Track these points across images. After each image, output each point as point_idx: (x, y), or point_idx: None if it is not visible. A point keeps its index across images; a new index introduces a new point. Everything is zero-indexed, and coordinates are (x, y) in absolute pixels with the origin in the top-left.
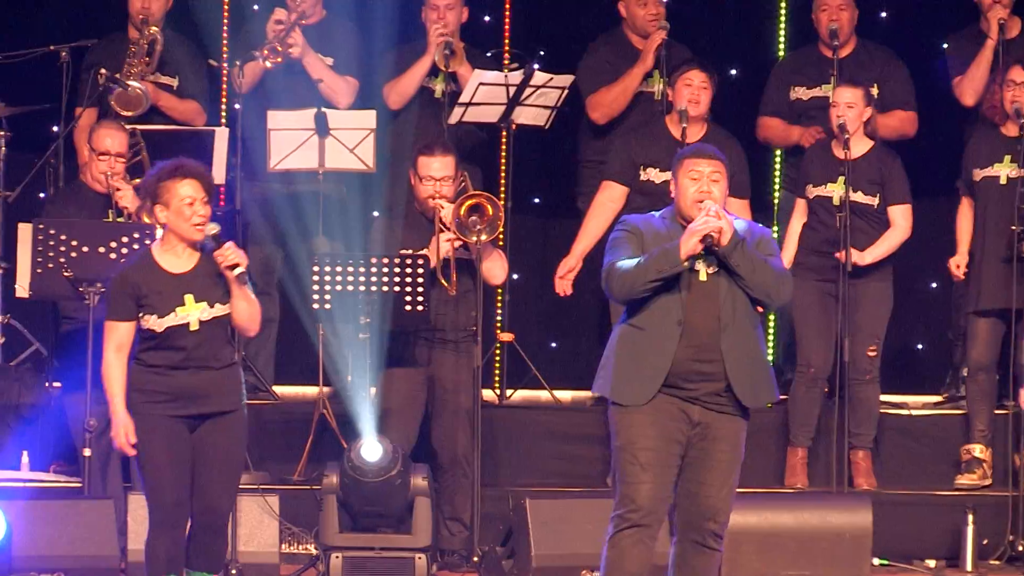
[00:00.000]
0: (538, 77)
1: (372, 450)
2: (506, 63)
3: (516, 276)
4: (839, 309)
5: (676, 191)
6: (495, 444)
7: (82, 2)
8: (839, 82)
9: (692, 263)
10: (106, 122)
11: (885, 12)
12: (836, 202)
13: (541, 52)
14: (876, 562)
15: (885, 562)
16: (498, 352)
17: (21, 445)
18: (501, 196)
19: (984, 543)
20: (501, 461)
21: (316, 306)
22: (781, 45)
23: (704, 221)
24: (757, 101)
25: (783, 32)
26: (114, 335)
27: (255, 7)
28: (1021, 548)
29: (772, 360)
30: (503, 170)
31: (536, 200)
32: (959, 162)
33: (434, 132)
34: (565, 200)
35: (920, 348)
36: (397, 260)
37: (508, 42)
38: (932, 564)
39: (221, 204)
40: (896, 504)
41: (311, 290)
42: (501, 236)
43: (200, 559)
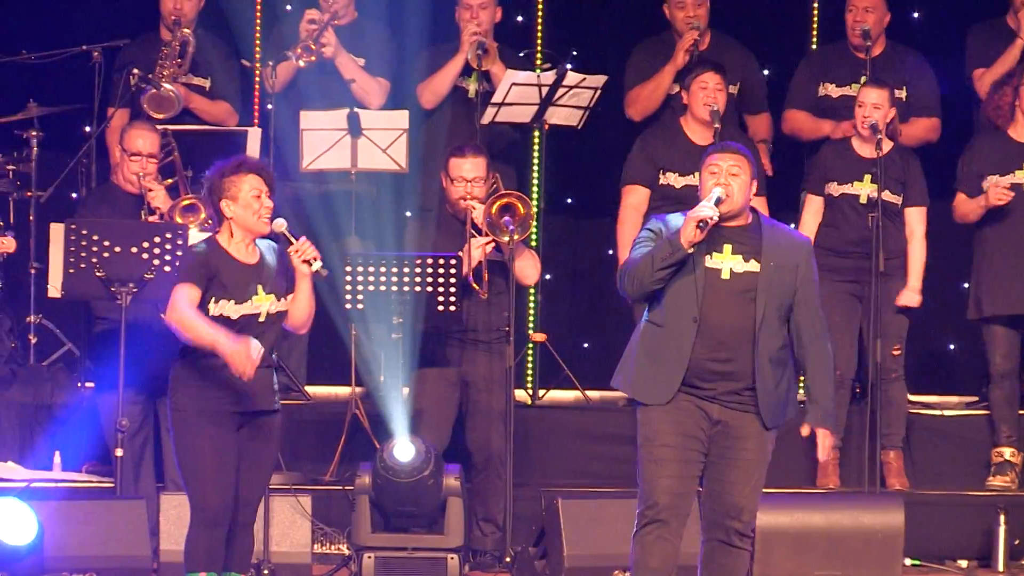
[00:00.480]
0: (571, 77)
1: (405, 450)
2: (539, 63)
3: (548, 276)
4: (868, 310)
5: (700, 187)
6: (527, 444)
7: (114, 2)
8: (868, 83)
9: (697, 257)
10: (138, 123)
11: (917, 13)
12: (863, 200)
13: (574, 52)
14: (908, 562)
15: (917, 562)
16: (530, 352)
17: (53, 445)
18: (533, 196)
19: (1016, 543)
20: (533, 461)
21: (348, 306)
22: (814, 45)
23: (700, 207)
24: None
25: (815, 32)
26: (187, 294)
27: (288, 7)
28: None
29: None
30: (535, 170)
31: (569, 200)
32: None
33: (467, 132)
34: (598, 200)
35: (952, 348)
36: (430, 260)
37: (541, 42)
38: (964, 564)
39: None
40: (928, 504)
41: (343, 290)
42: (534, 236)
43: (231, 559)
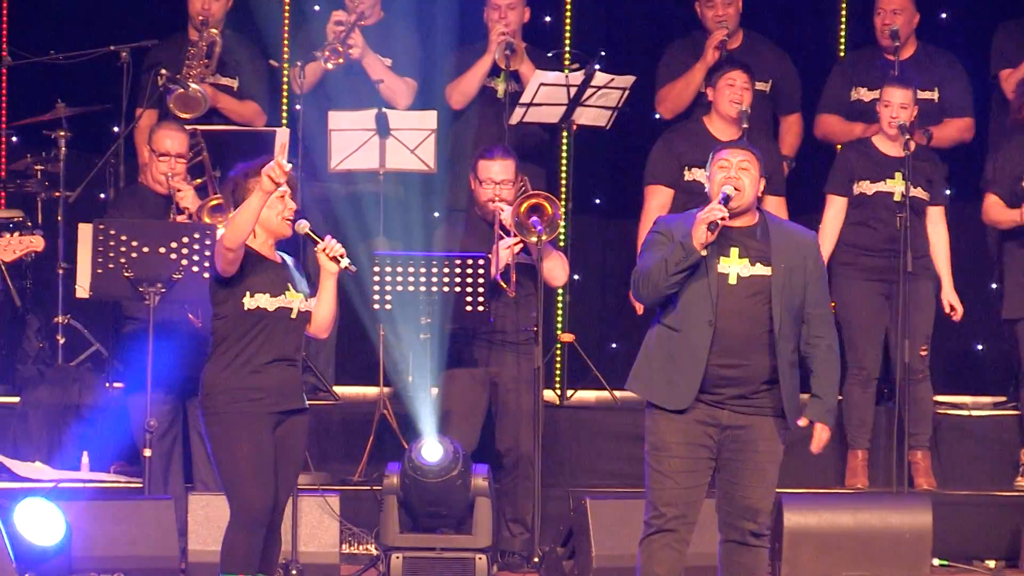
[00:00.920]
0: (599, 78)
1: (433, 450)
2: (567, 64)
3: (577, 277)
4: (895, 310)
5: (709, 185)
6: (556, 445)
7: (142, 3)
8: (892, 82)
9: (710, 260)
10: (166, 123)
11: (945, 13)
12: (898, 198)
13: (602, 53)
14: (936, 562)
15: (945, 563)
16: (559, 353)
17: (81, 446)
18: (562, 197)
19: None
20: (562, 462)
21: (377, 306)
22: (842, 46)
23: (709, 209)
24: (817, 98)
25: (844, 33)
26: None
27: (316, 7)
28: None
29: None
30: (563, 171)
31: (597, 201)
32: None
33: (495, 132)
34: (626, 201)
35: (980, 348)
36: (457, 261)
37: (569, 43)
38: (992, 565)
39: None
40: (956, 504)
41: (372, 290)
42: (562, 236)
43: (263, 562)
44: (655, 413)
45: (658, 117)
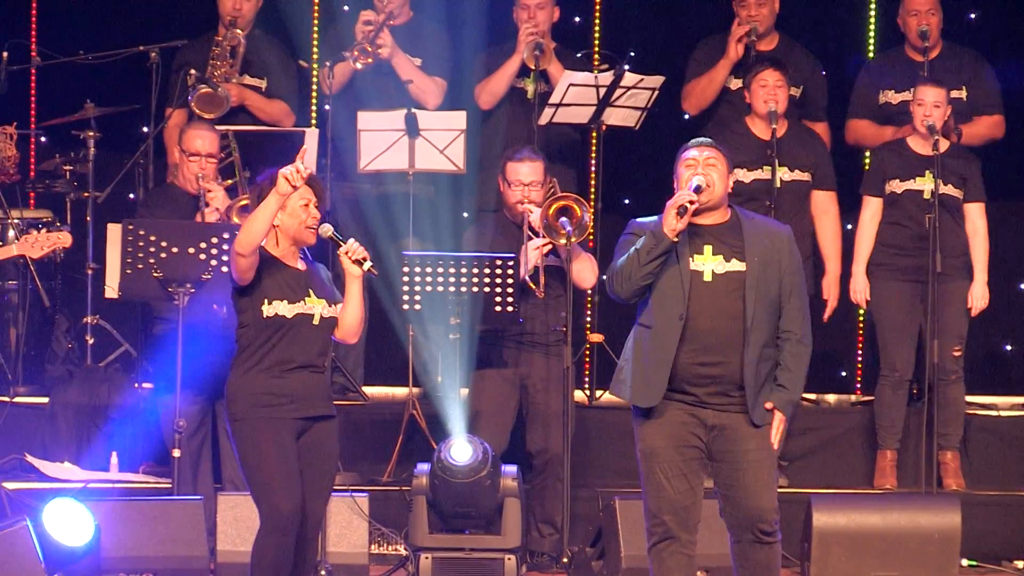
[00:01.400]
0: (628, 78)
1: (462, 450)
2: (596, 64)
3: (606, 277)
4: (926, 310)
5: (676, 184)
6: (585, 445)
7: (172, 3)
8: (924, 81)
9: (682, 257)
10: (197, 123)
11: (973, 14)
12: (927, 196)
13: (631, 53)
14: (965, 563)
15: (974, 563)
16: (588, 353)
17: (110, 446)
18: (591, 197)
19: None
20: (591, 462)
21: (406, 307)
22: (871, 47)
23: (679, 194)
24: (847, 102)
25: (872, 34)
26: None
27: (345, 7)
28: None
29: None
30: (593, 171)
31: (626, 201)
32: None
33: (524, 133)
34: (655, 201)
35: (1008, 349)
36: (487, 261)
37: (598, 43)
38: (1021, 565)
39: None
40: (985, 505)
41: (401, 291)
42: (591, 237)
43: (297, 570)
44: (641, 419)
45: (687, 117)
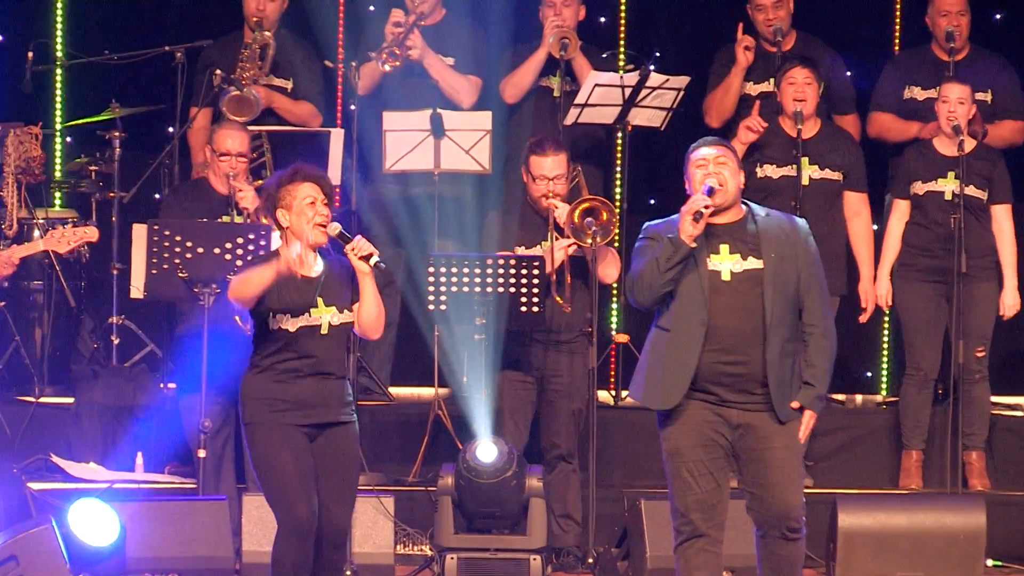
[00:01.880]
0: (654, 78)
1: (487, 451)
2: (622, 64)
3: (626, 285)
4: (951, 311)
5: (688, 185)
6: (610, 445)
7: (197, 3)
8: (949, 79)
9: (700, 258)
10: (227, 123)
11: (999, 14)
12: (949, 197)
13: (657, 53)
14: (990, 563)
15: (999, 564)
16: (613, 354)
17: (135, 446)
18: (617, 197)
19: None
20: (616, 462)
21: (431, 307)
22: (896, 46)
23: (692, 200)
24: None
25: (898, 33)
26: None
27: (371, 8)
28: None
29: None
30: (618, 171)
31: (652, 201)
32: None
33: (550, 132)
34: (680, 201)
35: None
36: (513, 261)
37: (624, 43)
38: None
39: (337, 205)
40: (1010, 505)
41: (427, 291)
42: (617, 237)
43: (322, 565)
44: (665, 420)
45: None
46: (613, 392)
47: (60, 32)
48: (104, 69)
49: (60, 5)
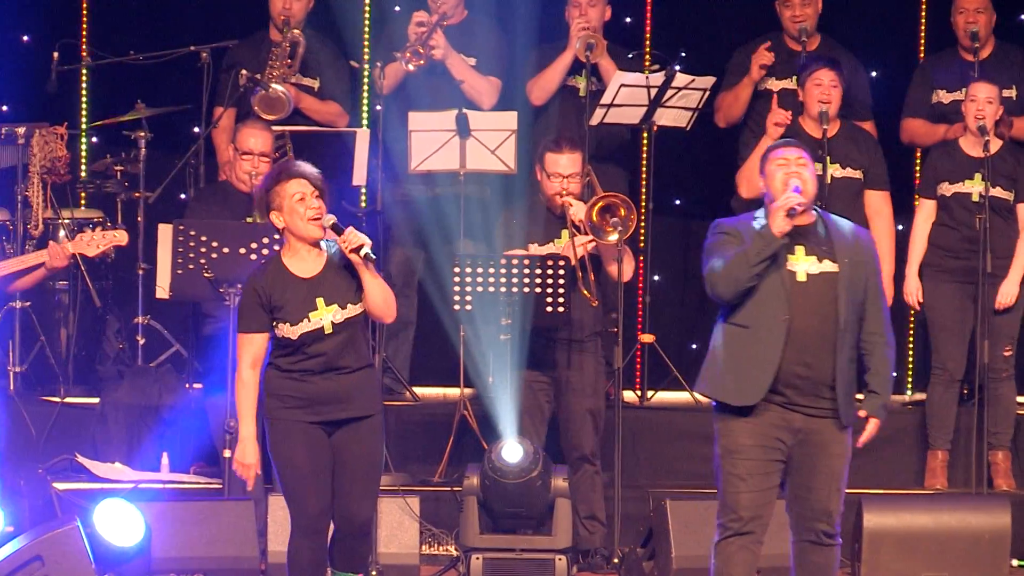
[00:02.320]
0: (679, 79)
1: (513, 451)
2: (647, 64)
3: (657, 278)
4: (977, 311)
5: (765, 183)
6: (635, 445)
7: (222, 3)
8: (976, 79)
9: (779, 257)
10: (251, 122)
11: None
12: (975, 198)
13: (682, 53)
14: (1015, 563)
15: None
16: (639, 353)
17: (161, 446)
18: (642, 197)
19: None
20: (641, 462)
21: (457, 307)
22: (922, 47)
23: (786, 196)
24: (899, 102)
25: (923, 34)
26: (248, 348)
27: (396, 8)
28: None
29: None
30: (644, 172)
31: (677, 202)
32: None
33: (576, 132)
34: (706, 202)
35: None
36: (538, 261)
37: (649, 43)
38: None
39: (363, 205)
40: None
41: (452, 291)
42: (642, 238)
43: (344, 561)
44: (727, 416)
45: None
46: (639, 392)
47: (85, 32)
48: (129, 69)
49: (85, 5)
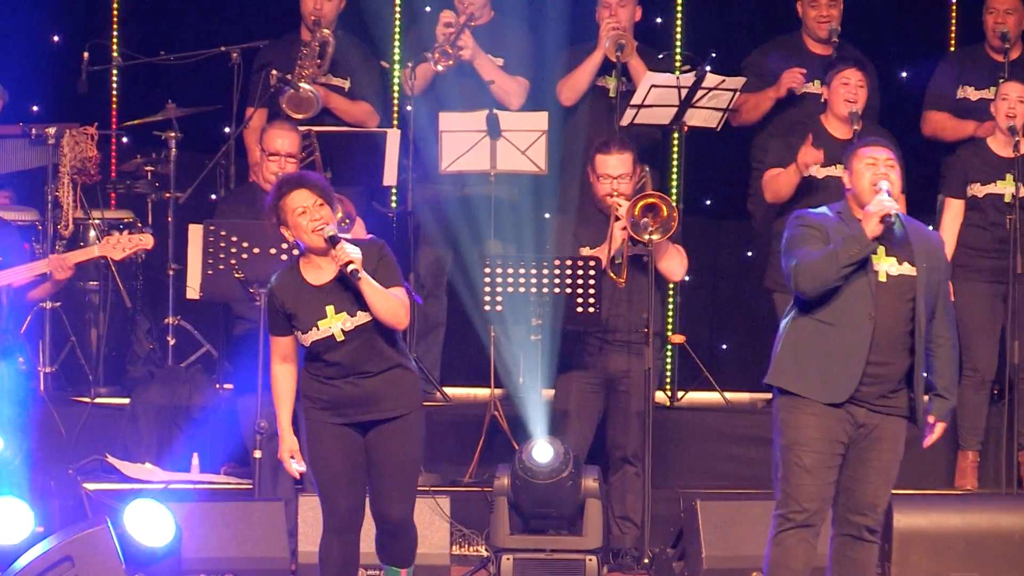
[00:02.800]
0: (710, 79)
1: (543, 451)
2: (678, 65)
3: (687, 278)
4: (1007, 311)
5: (851, 179)
6: (666, 445)
7: (253, 3)
8: (1009, 78)
9: (869, 257)
10: (277, 122)
11: None
12: (1008, 199)
13: (712, 54)
14: None
15: None
16: (669, 353)
17: (191, 447)
18: (672, 198)
19: None
20: (672, 463)
21: (488, 308)
22: (952, 47)
23: (880, 201)
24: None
25: (954, 34)
26: (276, 348)
27: (427, 8)
28: None
29: None
30: (674, 172)
31: (707, 202)
32: None
33: (606, 132)
34: (736, 202)
35: None
36: (569, 261)
37: (680, 44)
38: None
39: (393, 206)
40: None
41: (483, 292)
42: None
43: (388, 555)
44: (794, 409)
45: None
46: (669, 393)
47: (116, 32)
48: (160, 69)
49: (116, 6)
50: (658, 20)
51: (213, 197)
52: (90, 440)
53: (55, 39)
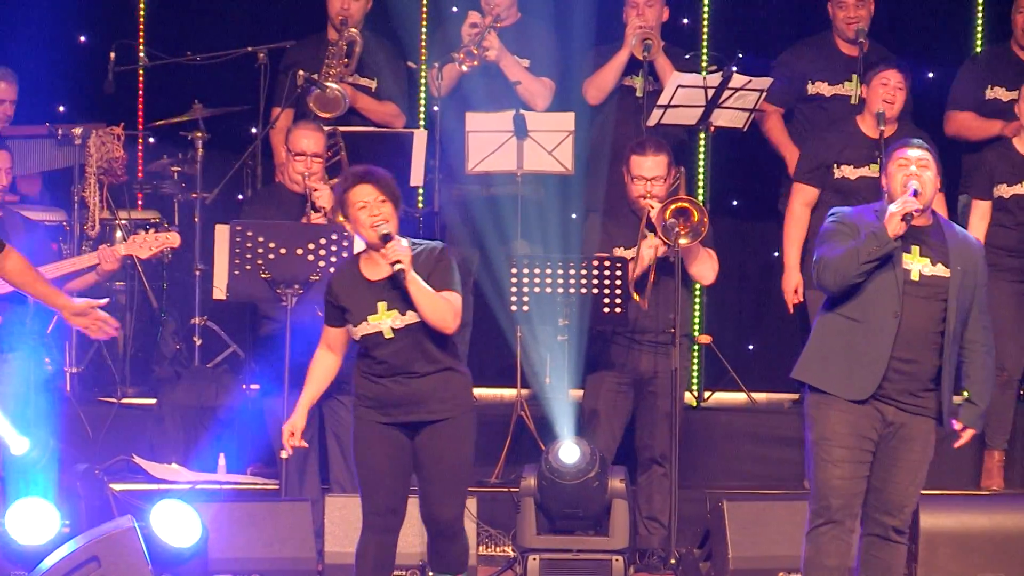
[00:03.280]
0: (736, 79)
1: (570, 452)
2: (704, 65)
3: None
4: None
5: (886, 180)
6: (692, 446)
7: (280, 3)
8: None
9: (895, 254)
10: (303, 123)
11: None
12: None
13: (739, 54)
14: None
15: None
16: (696, 354)
17: (218, 447)
18: (699, 198)
19: None
20: (698, 463)
21: (514, 308)
22: (979, 47)
23: (901, 201)
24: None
25: (980, 33)
26: (325, 336)
27: (453, 8)
28: None
29: None
30: (701, 172)
31: (734, 203)
32: None
33: (633, 132)
34: (763, 202)
35: None
36: (596, 262)
37: (706, 44)
38: None
39: (420, 206)
40: None
41: (509, 292)
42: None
43: (438, 562)
44: (823, 404)
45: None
46: (696, 393)
47: (142, 33)
48: (186, 70)
49: (142, 5)
50: (684, 21)
51: (240, 197)
52: (117, 440)
53: (81, 39)
